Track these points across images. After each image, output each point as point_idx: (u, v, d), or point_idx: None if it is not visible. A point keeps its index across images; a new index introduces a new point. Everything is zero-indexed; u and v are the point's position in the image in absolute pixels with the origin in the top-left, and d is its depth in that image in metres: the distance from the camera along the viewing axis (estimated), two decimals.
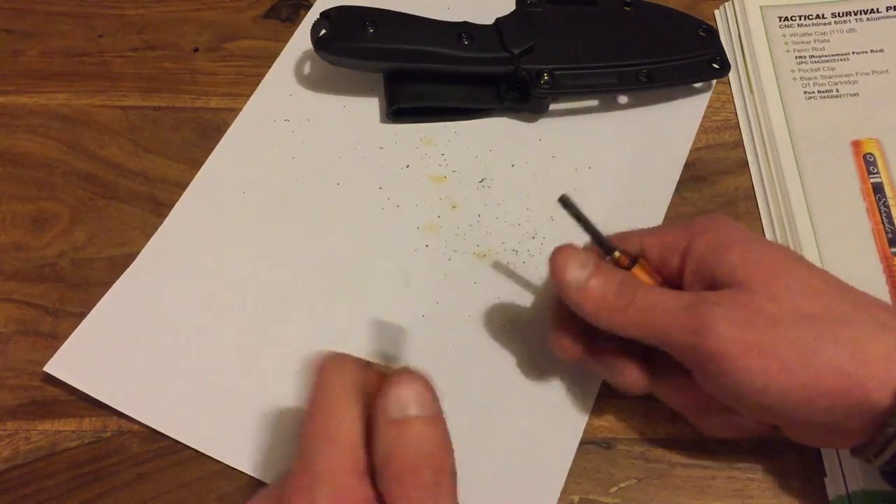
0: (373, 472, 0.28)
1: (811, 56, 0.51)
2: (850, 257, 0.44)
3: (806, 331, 0.31)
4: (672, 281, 0.36)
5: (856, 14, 0.52)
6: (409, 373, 0.29)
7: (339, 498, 0.27)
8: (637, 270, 0.36)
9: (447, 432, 0.29)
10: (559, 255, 0.35)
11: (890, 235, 0.44)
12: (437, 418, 0.29)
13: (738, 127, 0.50)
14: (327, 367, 0.30)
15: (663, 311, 0.33)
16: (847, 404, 0.31)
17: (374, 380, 0.30)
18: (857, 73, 0.50)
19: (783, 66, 0.51)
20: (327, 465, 0.28)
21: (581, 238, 0.37)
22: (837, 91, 0.49)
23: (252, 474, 0.38)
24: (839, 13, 0.53)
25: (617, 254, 0.36)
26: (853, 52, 0.51)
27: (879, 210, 0.45)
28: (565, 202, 0.36)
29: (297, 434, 0.30)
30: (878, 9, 0.52)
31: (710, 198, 0.47)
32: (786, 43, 0.52)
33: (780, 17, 0.53)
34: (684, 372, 0.34)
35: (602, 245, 0.36)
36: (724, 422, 0.36)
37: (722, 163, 0.48)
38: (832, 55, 0.51)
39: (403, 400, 0.28)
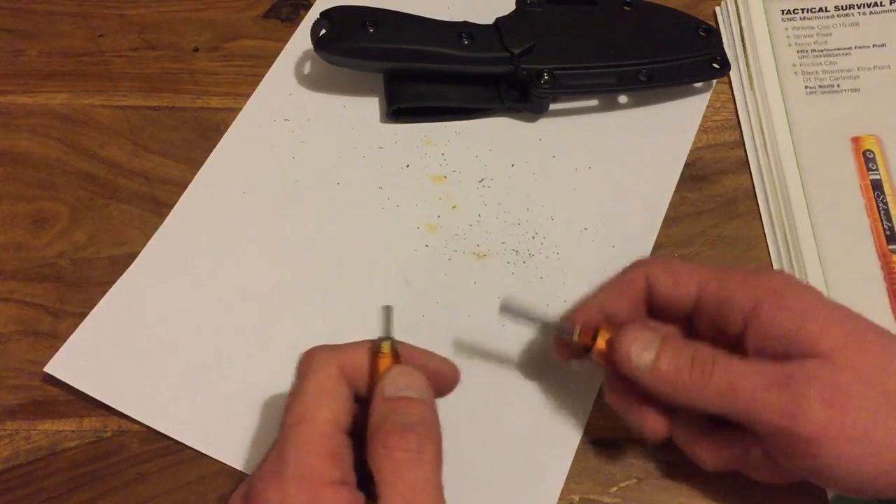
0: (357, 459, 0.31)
1: (813, 50, 0.51)
2: (849, 254, 0.44)
3: (893, 409, 0.30)
4: (729, 339, 0.34)
5: (859, 7, 0.52)
6: (407, 368, 0.32)
7: (307, 479, 0.29)
8: (601, 343, 0.34)
9: (436, 418, 0.31)
10: (621, 341, 0.33)
11: (888, 233, 0.44)
12: (428, 403, 0.31)
13: (739, 126, 0.50)
14: (307, 359, 0.32)
15: (748, 389, 0.31)
16: None
17: (369, 361, 0.33)
18: (858, 68, 0.50)
19: (784, 60, 0.50)
20: (297, 450, 0.29)
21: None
22: (838, 86, 0.49)
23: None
24: (842, 6, 0.52)
25: (576, 337, 0.35)
26: (855, 47, 0.51)
27: (878, 207, 0.45)
28: (508, 307, 0.34)
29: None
30: (881, 2, 0.52)
31: (711, 198, 0.47)
32: (787, 37, 0.51)
33: (782, 10, 0.52)
34: (705, 423, 0.34)
35: (560, 332, 0.35)
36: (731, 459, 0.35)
37: (722, 162, 0.48)
38: (834, 49, 0.51)
39: (400, 384, 0.31)
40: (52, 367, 0.40)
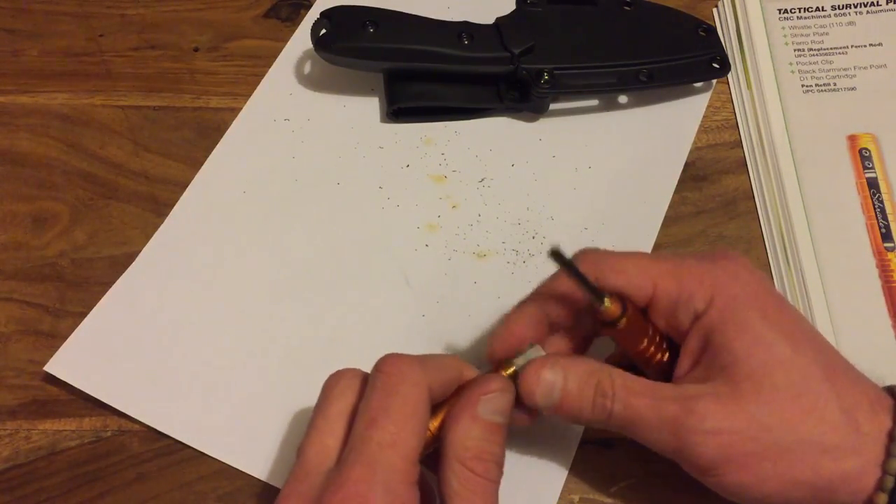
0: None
1: (810, 49, 0.51)
2: (845, 252, 0.44)
3: (790, 443, 0.31)
4: (676, 333, 0.34)
5: (856, 7, 0.52)
6: (507, 382, 0.33)
7: None
8: (625, 322, 0.33)
9: None
10: (526, 382, 0.33)
11: (883, 230, 0.44)
12: (506, 431, 0.32)
13: (738, 126, 0.50)
14: (397, 371, 0.31)
15: (644, 425, 0.32)
16: None
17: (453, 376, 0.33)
18: (855, 67, 0.50)
19: (781, 59, 0.51)
20: (388, 475, 0.28)
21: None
22: (835, 85, 0.49)
23: (252, 474, 0.38)
24: (839, 6, 0.52)
25: (607, 303, 0.32)
26: (852, 46, 0.51)
27: (873, 205, 0.45)
28: (557, 255, 0.32)
29: (347, 434, 0.31)
30: (878, 2, 0.52)
31: (711, 198, 0.47)
32: (784, 35, 0.52)
33: (779, 10, 0.52)
34: None
35: (593, 295, 0.33)
36: None
37: (722, 163, 0.48)
38: (831, 48, 0.51)
39: (498, 407, 0.32)
40: (52, 367, 0.40)
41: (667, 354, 0.35)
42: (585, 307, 0.35)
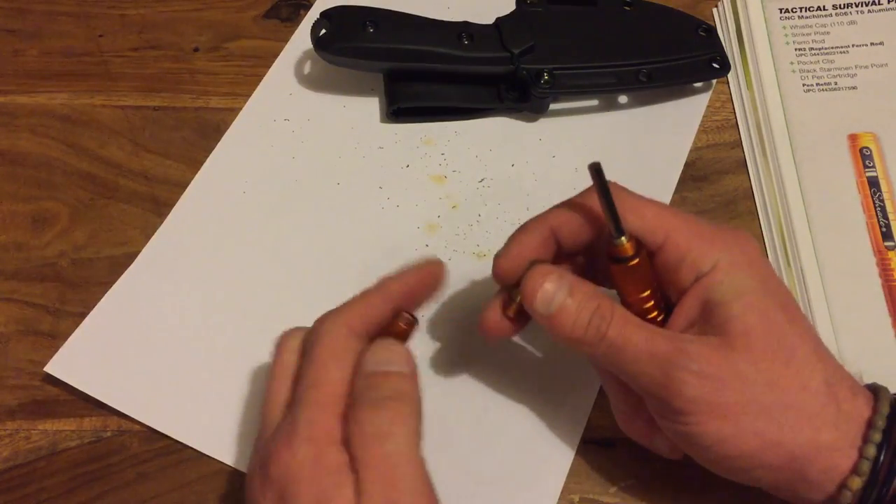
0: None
1: (811, 48, 0.51)
2: (845, 251, 0.44)
3: (772, 403, 0.31)
4: (675, 290, 0.34)
5: (857, 6, 0.52)
6: (388, 341, 0.33)
7: (315, 439, 0.30)
8: (635, 263, 0.33)
9: (414, 390, 0.32)
10: (529, 283, 0.33)
11: (884, 229, 0.44)
12: (405, 375, 0.32)
13: (738, 126, 0.50)
14: (314, 329, 0.33)
15: (634, 355, 0.32)
16: (789, 479, 0.32)
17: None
18: (856, 66, 0.50)
19: (782, 58, 0.51)
20: (307, 411, 0.30)
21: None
22: (836, 84, 0.49)
23: None
24: (840, 5, 0.52)
25: (624, 239, 0.32)
26: (853, 45, 0.51)
27: (874, 204, 0.45)
28: (597, 171, 0.32)
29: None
30: (879, 1, 0.52)
31: (710, 198, 0.47)
32: (786, 35, 0.52)
33: (780, 9, 0.52)
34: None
35: (614, 225, 0.32)
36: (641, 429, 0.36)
37: (722, 162, 0.48)
38: (832, 47, 0.51)
39: (380, 359, 0.32)
40: (52, 367, 0.40)
41: (662, 315, 0.35)
42: (597, 239, 0.34)
